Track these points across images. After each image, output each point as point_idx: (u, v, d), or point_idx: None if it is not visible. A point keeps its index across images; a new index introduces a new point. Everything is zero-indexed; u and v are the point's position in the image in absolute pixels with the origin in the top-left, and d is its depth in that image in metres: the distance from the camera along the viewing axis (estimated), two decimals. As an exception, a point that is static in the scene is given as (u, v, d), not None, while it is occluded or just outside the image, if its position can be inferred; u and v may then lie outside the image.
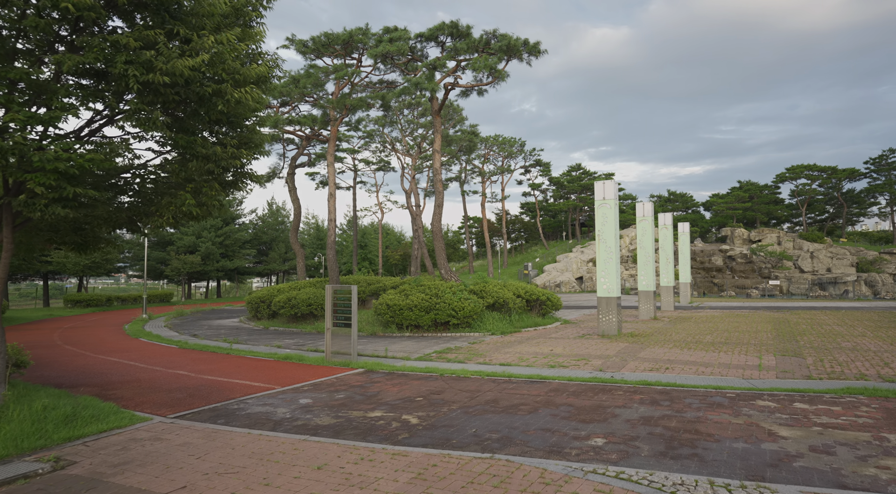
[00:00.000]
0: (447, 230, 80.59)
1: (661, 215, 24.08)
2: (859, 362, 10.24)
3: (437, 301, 16.09)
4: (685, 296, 28.76)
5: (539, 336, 15.17)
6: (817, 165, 56.50)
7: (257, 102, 6.39)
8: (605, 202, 15.64)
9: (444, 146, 37.09)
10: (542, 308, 18.70)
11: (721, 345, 12.73)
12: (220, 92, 5.96)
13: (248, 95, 6.12)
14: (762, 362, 10.47)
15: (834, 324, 16.98)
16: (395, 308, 16.21)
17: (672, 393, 7.98)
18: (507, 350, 12.63)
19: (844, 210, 59.00)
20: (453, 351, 12.57)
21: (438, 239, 18.56)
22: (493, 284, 18.14)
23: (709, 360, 10.74)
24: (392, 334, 16.21)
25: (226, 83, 5.93)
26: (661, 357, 11.23)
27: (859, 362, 10.24)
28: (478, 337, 15.13)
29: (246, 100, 6.14)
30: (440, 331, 16.18)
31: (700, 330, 15.79)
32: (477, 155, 53.67)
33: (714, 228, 62.54)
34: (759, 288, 42.55)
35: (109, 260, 33.37)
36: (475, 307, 16.11)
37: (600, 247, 15.63)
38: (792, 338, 13.79)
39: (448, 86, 18.24)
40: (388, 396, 8.04)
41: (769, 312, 22.23)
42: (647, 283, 20.44)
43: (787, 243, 50.75)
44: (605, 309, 15.16)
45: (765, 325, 16.96)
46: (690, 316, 20.88)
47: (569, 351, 12.30)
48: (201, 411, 7.30)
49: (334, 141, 20.66)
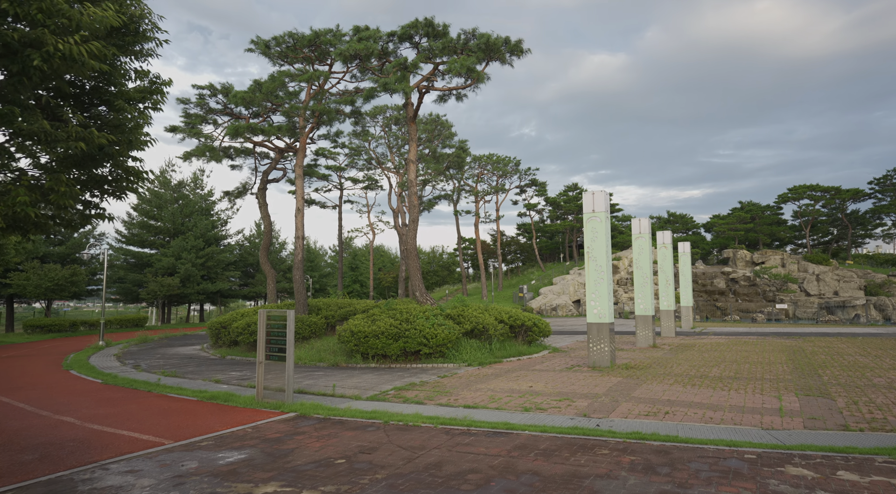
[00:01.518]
0: (441, 252, 78.81)
1: (660, 233, 22.33)
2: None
3: (406, 327, 14.23)
4: (687, 321, 26.81)
5: (521, 367, 13.26)
6: (820, 186, 54.97)
7: (100, 61, 4.69)
8: (594, 215, 13.84)
9: (432, 163, 35.60)
10: (527, 334, 16.79)
11: (731, 381, 10.82)
12: (35, 41, 4.26)
13: (81, 49, 4.42)
14: (783, 404, 8.57)
15: (856, 354, 15.06)
16: (360, 335, 14.34)
17: (673, 452, 6.09)
18: (479, 386, 10.72)
19: (849, 231, 57.27)
20: (416, 388, 10.66)
21: (413, 258, 16.75)
22: (472, 308, 16.28)
23: (718, 401, 8.84)
24: (356, 365, 14.29)
25: (42, 28, 4.25)
26: (660, 396, 9.33)
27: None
28: (451, 369, 13.22)
29: (80, 57, 4.44)
30: (410, 362, 14.26)
31: (705, 361, 13.88)
32: (471, 174, 52.29)
33: (715, 250, 60.75)
34: (764, 312, 40.57)
35: (75, 282, 31.48)
36: (450, 334, 14.23)
37: (590, 265, 13.72)
38: (812, 372, 11.88)
39: (422, 90, 16.65)
40: (301, 457, 6.15)
41: (780, 339, 20.30)
42: (646, 307, 18.57)
43: (792, 265, 48.90)
44: (596, 336, 13.28)
45: (778, 355, 15.05)
46: (693, 343, 18.95)
47: (551, 387, 10.40)
48: (34, 484, 5.41)
49: (303, 152, 19.02)
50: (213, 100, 21.55)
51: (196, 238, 41.78)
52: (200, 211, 44.16)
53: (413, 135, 16.91)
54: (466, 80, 16.17)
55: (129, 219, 42.28)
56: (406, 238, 17.13)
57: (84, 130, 5.03)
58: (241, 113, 22.14)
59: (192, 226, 42.62)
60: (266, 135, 20.20)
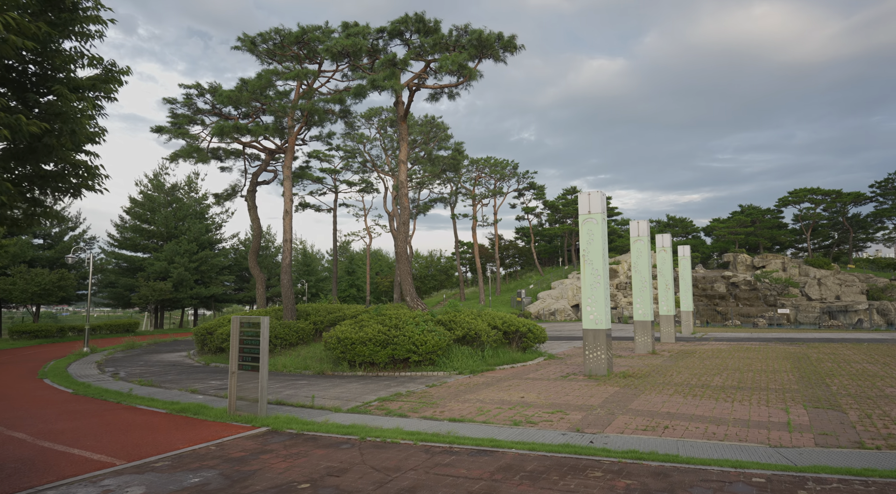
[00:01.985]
0: (440, 256, 78.26)
1: (659, 236, 21.77)
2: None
3: (395, 333, 13.65)
4: (687, 326, 26.21)
5: (513, 376, 12.67)
6: (821, 189, 54.44)
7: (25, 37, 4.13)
8: (590, 216, 13.42)
9: (428, 166, 35.06)
10: (522, 341, 16.20)
11: (734, 391, 10.24)
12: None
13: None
14: (791, 418, 7.99)
15: (863, 361, 14.47)
16: (347, 342, 13.74)
17: (672, 475, 5.51)
18: (467, 396, 10.14)
19: (851, 235, 56.72)
20: (401, 398, 10.08)
21: (403, 261, 16.17)
22: (464, 314, 15.70)
23: (721, 414, 8.26)
24: (342, 373, 13.70)
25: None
26: (659, 408, 8.75)
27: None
28: (440, 378, 12.63)
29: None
30: (399, 370, 13.67)
31: (706, 369, 13.29)
32: (468, 178, 51.79)
33: (715, 254, 60.18)
34: (765, 317, 39.97)
35: (63, 286, 30.85)
36: (440, 340, 13.65)
37: (586, 269, 13.21)
38: (820, 381, 11.29)
39: (413, 87, 16.10)
40: (262, 481, 5.57)
41: (783, 345, 19.71)
42: (644, 312, 17.98)
43: (793, 269, 48.31)
44: (593, 343, 12.70)
45: (782, 362, 14.46)
46: (694, 349, 18.36)
47: (544, 398, 9.81)
48: (-46, 513, 4.83)
49: (292, 153, 18.47)
50: (201, 100, 21.03)
51: (189, 242, 41.20)
52: (194, 214, 43.59)
53: (404, 135, 16.36)
54: (458, 78, 15.63)
55: (121, 222, 41.70)
56: (397, 240, 16.56)
57: (8, 116, 4.46)
58: (230, 113, 21.61)
59: (185, 230, 42.04)
60: (254, 136, 19.65)
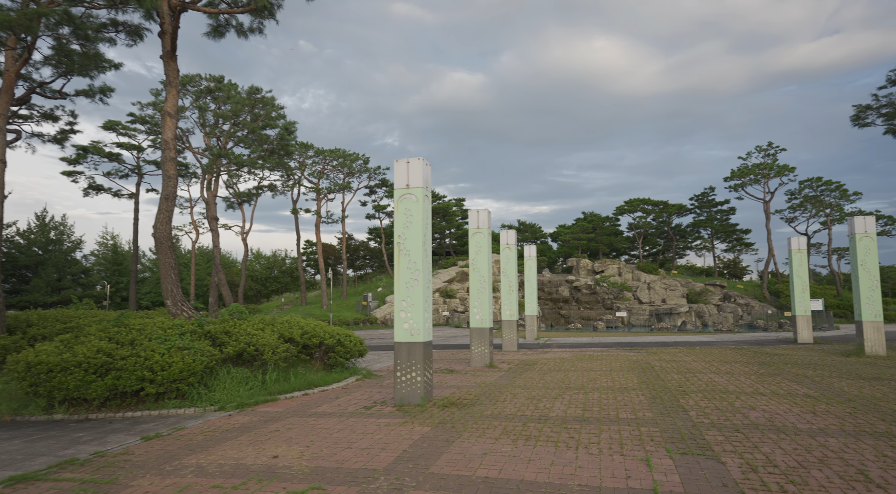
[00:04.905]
0: (284, 256, 71.83)
1: (504, 232, 19.60)
2: (815, 469, 5.56)
3: (124, 353, 9.20)
4: (532, 332, 24.66)
5: (295, 411, 8.98)
6: (651, 200, 58.71)
7: None
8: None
9: (257, 148, 30.01)
10: (328, 356, 12.56)
11: (579, 426, 7.63)
12: None
13: None
14: (656, 477, 5.37)
15: (706, 371, 13.19)
16: (43, 368, 8.96)
17: None
18: (188, 460, 6.23)
19: (674, 243, 62.08)
20: (64, 472, 5.85)
21: (164, 250, 11.62)
22: (247, 323, 11.65)
23: (562, 474, 5.39)
24: (29, 417, 8.90)
25: None
26: (475, 467, 5.68)
27: (815, 469, 5.56)
28: (183, 419, 8.50)
29: None
30: (127, 408, 9.23)
31: (547, 389, 10.82)
32: (313, 171, 47.04)
33: (561, 259, 62.25)
34: (604, 320, 40.98)
35: None
36: (194, 363, 9.47)
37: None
38: (674, 402, 9.25)
39: (177, 7, 11.71)
40: None
41: (624, 352, 18.55)
42: (483, 318, 15.41)
43: (627, 274, 50.99)
44: (406, 361, 9.48)
45: (628, 375, 12.61)
46: (536, 360, 16.24)
47: (308, 457, 6.28)
48: None
49: (9, 90, 12.81)
50: None
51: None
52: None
53: (171, 79, 11.84)
54: (248, 2, 11.61)
55: None
56: (156, 222, 11.94)
57: None
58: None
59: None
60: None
